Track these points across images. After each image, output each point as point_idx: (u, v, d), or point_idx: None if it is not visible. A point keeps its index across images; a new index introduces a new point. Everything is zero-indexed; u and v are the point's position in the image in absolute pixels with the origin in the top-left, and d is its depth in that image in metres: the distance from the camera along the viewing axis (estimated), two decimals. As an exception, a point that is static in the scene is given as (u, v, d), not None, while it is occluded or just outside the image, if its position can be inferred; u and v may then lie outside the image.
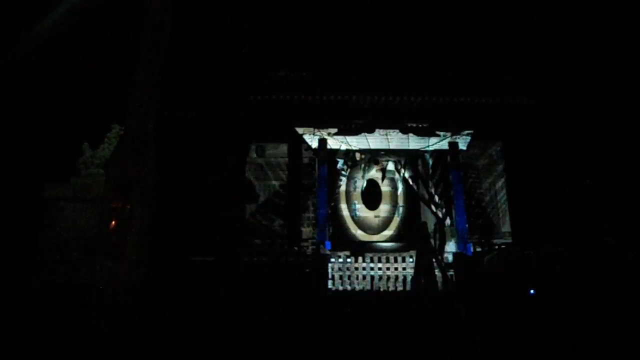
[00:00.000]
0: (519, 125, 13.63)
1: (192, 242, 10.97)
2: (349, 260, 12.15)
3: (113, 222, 4.93)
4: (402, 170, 15.06)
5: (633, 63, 13.15)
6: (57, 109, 12.75)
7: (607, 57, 13.46)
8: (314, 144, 13.80)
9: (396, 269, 12.02)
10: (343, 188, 14.92)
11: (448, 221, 13.55)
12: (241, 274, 9.20)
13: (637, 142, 12.65)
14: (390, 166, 15.31)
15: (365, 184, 15.19)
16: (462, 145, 13.76)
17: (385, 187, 15.43)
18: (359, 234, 14.97)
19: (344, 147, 14.08)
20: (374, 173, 15.39)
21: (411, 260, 11.66)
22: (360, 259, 12.24)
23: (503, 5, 14.06)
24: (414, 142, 13.79)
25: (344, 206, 15.14)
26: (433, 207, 14.54)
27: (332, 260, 12.01)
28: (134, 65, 5.77)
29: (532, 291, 7.29)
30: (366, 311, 8.17)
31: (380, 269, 12.05)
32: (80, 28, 11.78)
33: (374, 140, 13.78)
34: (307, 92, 12.77)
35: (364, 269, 12.07)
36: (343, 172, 14.51)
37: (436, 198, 14.33)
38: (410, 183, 15.07)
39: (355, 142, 13.85)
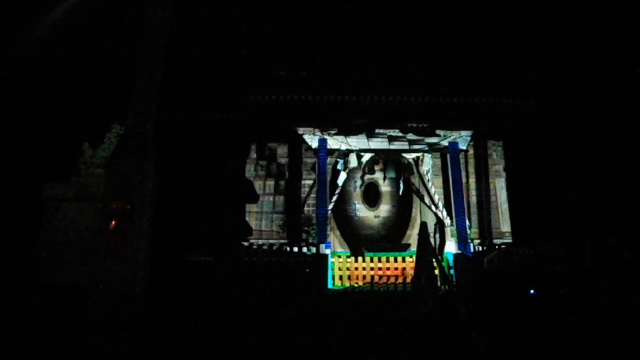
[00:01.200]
0: (519, 125, 13.64)
1: (192, 242, 10.96)
2: (348, 260, 12.16)
3: (113, 222, 4.93)
4: (402, 170, 15.07)
5: (633, 63, 13.15)
6: (57, 108, 12.75)
7: (608, 57, 13.46)
8: (314, 144, 13.81)
9: (396, 269, 12.04)
10: (343, 188, 14.92)
11: (448, 221, 13.56)
12: (241, 274, 9.19)
13: (638, 142, 12.65)
14: (390, 166, 15.31)
15: (365, 184, 15.19)
16: (462, 145, 13.78)
17: (385, 187, 15.42)
18: (359, 233, 14.96)
19: (344, 147, 14.09)
20: (374, 173, 15.39)
21: (411, 260, 11.66)
22: (360, 259, 12.26)
23: (504, 5, 14.05)
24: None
25: (344, 206, 15.13)
26: (433, 207, 14.55)
27: (332, 260, 12.02)
28: (134, 65, 5.77)
29: (532, 291, 7.28)
30: (366, 311, 8.17)
31: (380, 269, 12.06)
32: (81, 28, 11.78)
33: (374, 140, 13.78)
34: (307, 92, 12.78)
35: (363, 269, 12.08)
36: (343, 172, 14.52)
37: (436, 198, 14.34)
38: (410, 183, 15.08)
39: (355, 142, 13.86)
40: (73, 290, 6.06)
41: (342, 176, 14.48)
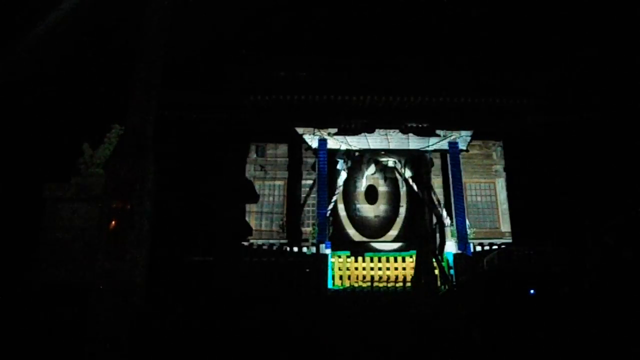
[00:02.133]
0: (519, 125, 13.63)
1: (192, 242, 10.97)
2: (348, 260, 12.16)
3: (113, 222, 4.93)
4: (403, 171, 15.07)
5: (633, 63, 13.15)
6: (57, 109, 12.75)
7: (607, 57, 13.46)
8: (314, 144, 13.80)
9: (396, 269, 12.04)
10: (343, 188, 14.91)
11: (448, 221, 13.55)
12: (241, 274, 9.19)
13: (637, 141, 12.65)
14: (391, 166, 15.31)
15: (365, 184, 15.18)
16: (462, 145, 13.77)
17: (385, 188, 15.42)
18: (359, 234, 14.96)
19: (344, 147, 14.08)
20: (374, 173, 15.38)
21: (411, 260, 11.66)
22: (360, 259, 12.25)
23: (504, 5, 14.06)
24: (414, 142, 13.80)
25: (343, 206, 15.13)
26: (433, 207, 14.55)
27: (332, 260, 12.02)
28: (134, 65, 5.77)
29: (532, 291, 7.28)
30: (366, 311, 8.17)
31: (380, 269, 12.06)
32: (81, 28, 11.78)
33: (374, 140, 13.78)
34: (307, 92, 12.78)
35: (363, 269, 12.08)
36: (343, 172, 14.52)
37: (436, 198, 14.34)
38: (411, 183, 15.07)
39: (355, 142, 13.86)
40: (73, 290, 6.06)
41: (342, 176, 14.48)
